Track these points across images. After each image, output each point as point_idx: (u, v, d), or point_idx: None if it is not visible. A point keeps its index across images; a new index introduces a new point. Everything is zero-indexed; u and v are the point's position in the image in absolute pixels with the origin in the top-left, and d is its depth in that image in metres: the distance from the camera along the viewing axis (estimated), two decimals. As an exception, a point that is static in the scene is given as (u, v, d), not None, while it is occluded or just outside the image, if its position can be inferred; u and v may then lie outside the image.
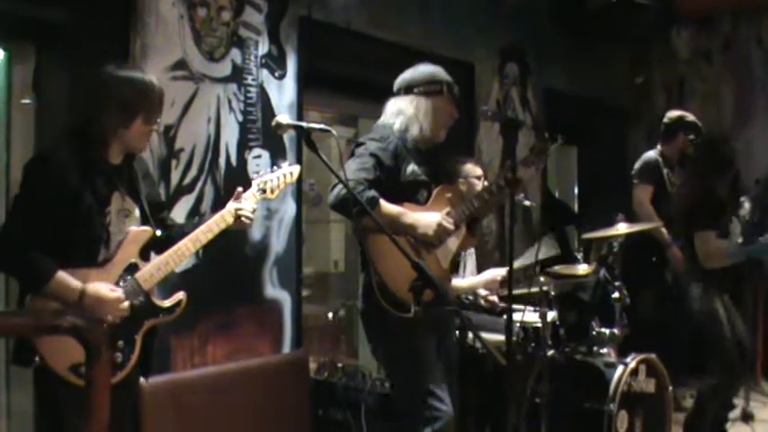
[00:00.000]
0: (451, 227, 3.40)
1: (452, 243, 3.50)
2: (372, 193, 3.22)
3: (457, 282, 4.18)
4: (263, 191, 3.06)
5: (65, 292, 2.60)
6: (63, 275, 2.60)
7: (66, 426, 2.59)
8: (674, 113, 5.75)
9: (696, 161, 4.88)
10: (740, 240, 4.63)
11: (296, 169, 3.16)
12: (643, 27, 7.06)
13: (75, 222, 2.65)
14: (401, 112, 3.47)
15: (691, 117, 5.67)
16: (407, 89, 3.50)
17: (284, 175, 3.11)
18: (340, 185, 3.17)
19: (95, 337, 1.64)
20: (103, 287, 2.66)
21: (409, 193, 3.41)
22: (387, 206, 3.28)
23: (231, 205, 2.99)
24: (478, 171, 4.51)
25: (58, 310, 2.49)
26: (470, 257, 4.62)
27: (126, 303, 2.71)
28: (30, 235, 2.60)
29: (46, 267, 2.59)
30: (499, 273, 4.32)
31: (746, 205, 4.72)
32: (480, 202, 3.49)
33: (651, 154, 5.68)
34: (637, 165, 5.70)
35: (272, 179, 3.08)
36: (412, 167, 3.41)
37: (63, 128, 2.97)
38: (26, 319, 1.75)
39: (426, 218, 3.35)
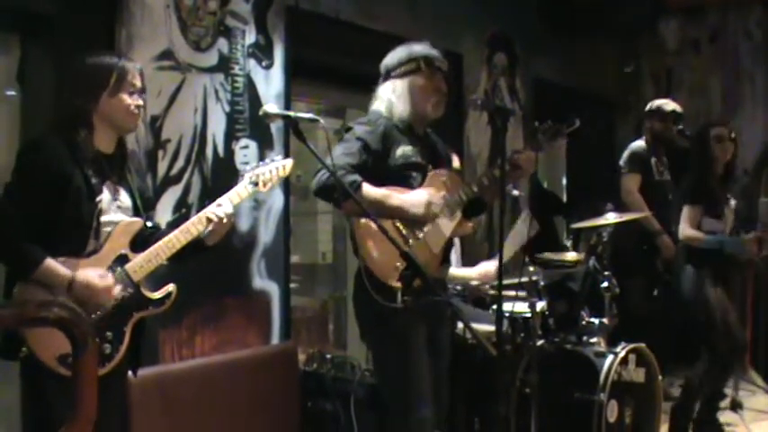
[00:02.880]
0: (441, 202, 3.33)
1: (446, 228, 3.39)
2: (354, 177, 3.16)
3: (450, 270, 4.15)
4: (256, 183, 2.97)
5: (53, 279, 2.58)
6: (52, 263, 2.58)
7: (55, 418, 2.55)
8: (655, 103, 5.81)
9: (696, 144, 4.93)
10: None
11: (289, 163, 3.07)
12: (631, 17, 7.06)
13: (66, 210, 2.63)
14: (380, 99, 3.45)
15: (671, 105, 5.72)
16: (386, 75, 3.48)
17: (277, 169, 3.02)
18: (321, 171, 3.13)
19: (81, 328, 1.62)
20: (93, 274, 2.64)
21: (400, 177, 3.33)
22: (371, 190, 3.20)
23: (215, 203, 2.94)
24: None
25: (44, 302, 2.46)
26: (454, 247, 4.56)
27: (117, 289, 2.69)
28: (20, 222, 2.58)
29: (34, 254, 2.57)
30: (493, 266, 4.28)
31: (732, 202, 4.76)
32: (479, 188, 3.40)
33: (638, 143, 5.73)
34: (624, 154, 5.73)
35: (264, 172, 2.99)
36: (402, 149, 3.34)
37: (53, 117, 2.95)
38: (10, 311, 1.73)
39: (413, 196, 3.28)
